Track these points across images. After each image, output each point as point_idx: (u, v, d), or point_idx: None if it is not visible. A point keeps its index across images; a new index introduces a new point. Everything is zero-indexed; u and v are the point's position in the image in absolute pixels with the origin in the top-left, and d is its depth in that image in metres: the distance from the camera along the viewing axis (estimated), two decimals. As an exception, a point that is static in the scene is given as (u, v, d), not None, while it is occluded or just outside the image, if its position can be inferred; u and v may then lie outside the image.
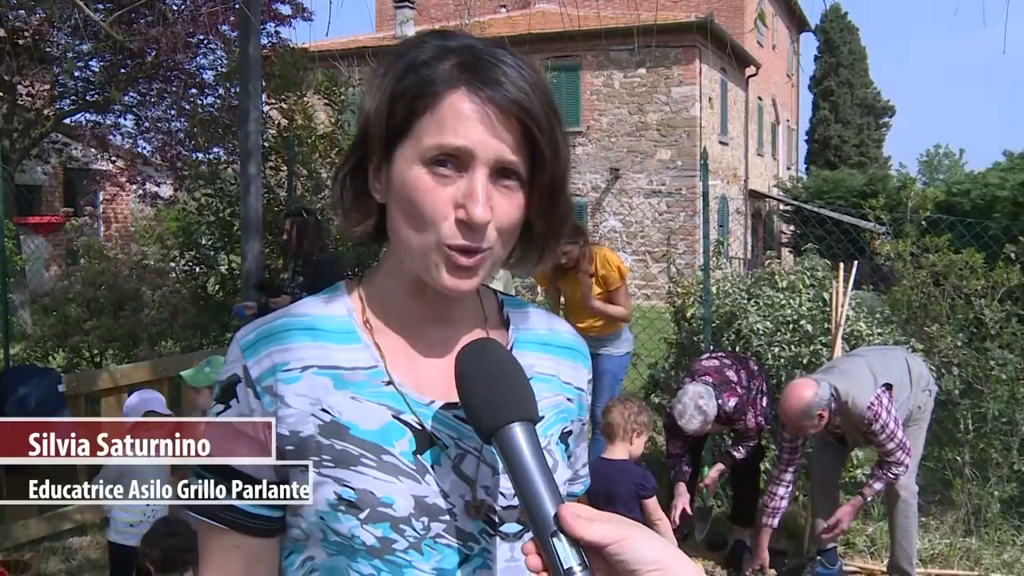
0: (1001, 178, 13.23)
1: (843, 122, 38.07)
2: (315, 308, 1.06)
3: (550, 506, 0.84)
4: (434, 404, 1.03)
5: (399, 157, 0.98)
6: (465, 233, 0.96)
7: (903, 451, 4.12)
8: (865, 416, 4.09)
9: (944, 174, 51.13)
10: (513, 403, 0.90)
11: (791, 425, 4.24)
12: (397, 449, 0.99)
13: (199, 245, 8.01)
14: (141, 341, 6.92)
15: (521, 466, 0.86)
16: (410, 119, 0.97)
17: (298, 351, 1.00)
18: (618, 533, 0.81)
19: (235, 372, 1.01)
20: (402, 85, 0.97)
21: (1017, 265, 5.34)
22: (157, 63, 9.18)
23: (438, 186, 0.95)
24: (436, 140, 0.95)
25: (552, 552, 0.81)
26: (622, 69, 21.93)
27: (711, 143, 22.26)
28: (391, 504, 0.97)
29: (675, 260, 9.14)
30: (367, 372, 1.02)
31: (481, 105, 0.95)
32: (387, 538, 0.97)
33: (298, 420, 0.98)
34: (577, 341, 1.21)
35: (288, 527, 1.02)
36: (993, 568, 4.72)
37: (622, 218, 21.74)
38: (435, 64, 0.97)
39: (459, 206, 0.95)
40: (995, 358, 5.23)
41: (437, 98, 0.96)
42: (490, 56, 0.97)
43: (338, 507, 0.97)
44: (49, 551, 4.90)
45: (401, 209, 0.99)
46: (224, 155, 9.24)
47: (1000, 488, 5.17)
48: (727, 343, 5.85)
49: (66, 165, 14.19)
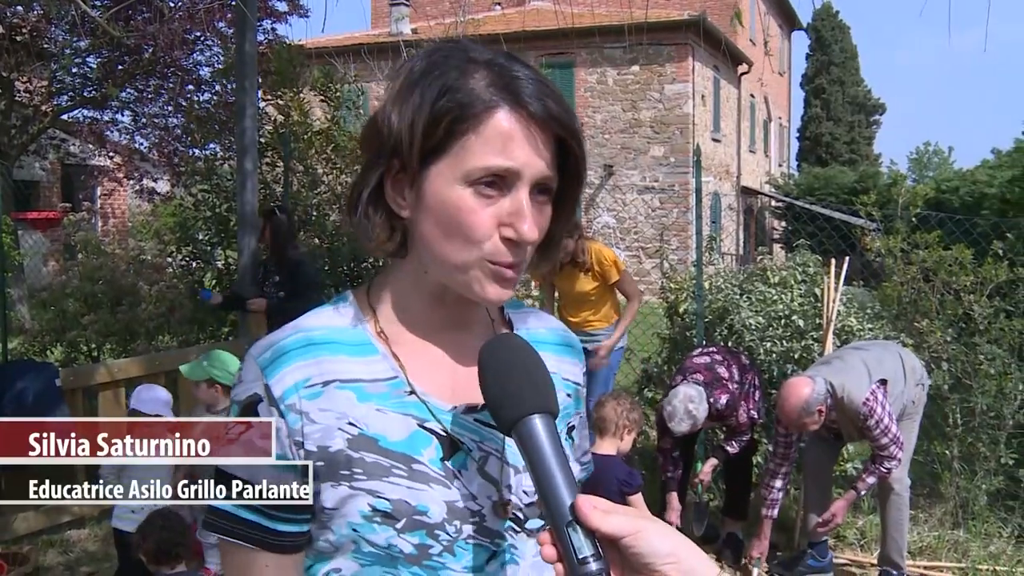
0: (989, 175, 13.33)
1: (834, 120, 38.17)
2: (328, 320, 1.06)
3: (567, 497, 0.85)
4: (456, 409, 1.04)
5: (435, 175, 0.98)
6: (512, 250, 0.98)
7: (896, 446, 4.18)
8: (860, 412, 4.13)
9: (934, 171, 51.35)
10: (533, 395, 0.91)
11: (792, 423, 4.28)
12: (425, 457, 1.01)
13: (196, 240, 8.01)
14: (138, 336, 6.93)
15: (540, 457, 0.87)
16: (449, 139, 0.97)
17: (318, 366, 1.00)
18: (634, 526, 0.82)
19: (255, 391, 1.00)
20: (439, 105, 0.96)
21: (1005, 261, 5.39)
22: (154, 59, 9.19)
23: (483, 206, 0.97)
24: (483, 162, 0.96)
25: (567, 542, 0.82)
26: (616, 66, 21.97)
27: (704, 140, 22.32)
28: (426, 512, 0.98)
29: (668, 256, 9.20)
30: (388, 383, 1.03)
31: (525, 125, 0.97)
32: (424, 544, 0.98)
33: (324, 435, 0.98)
34: (571, 338, 1.25)
35: (314, 539, 1.02)
36: (980, 560, 4.76)
37: (615, 214, 21.79)
38: (467, 81, 0.97)
39: (505, 224, 0.97)
40: (983, 353, 5.28)
41: (479, 119, 0.96)
42: (516, 70, 0.99)
43: (373, 518, 0.98)
44: (47, 544, 4.90)
45: (440, 227, 0.99)
46: (220, 151, 9.25)
47: (987, 481, 5.22)
48: (719, 338, 5.89)
49: (64, 161, 14.16)
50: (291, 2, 10.27)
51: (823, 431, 4.47)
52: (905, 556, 4.46)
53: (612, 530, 0.82)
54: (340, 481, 0.98)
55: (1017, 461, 5.23)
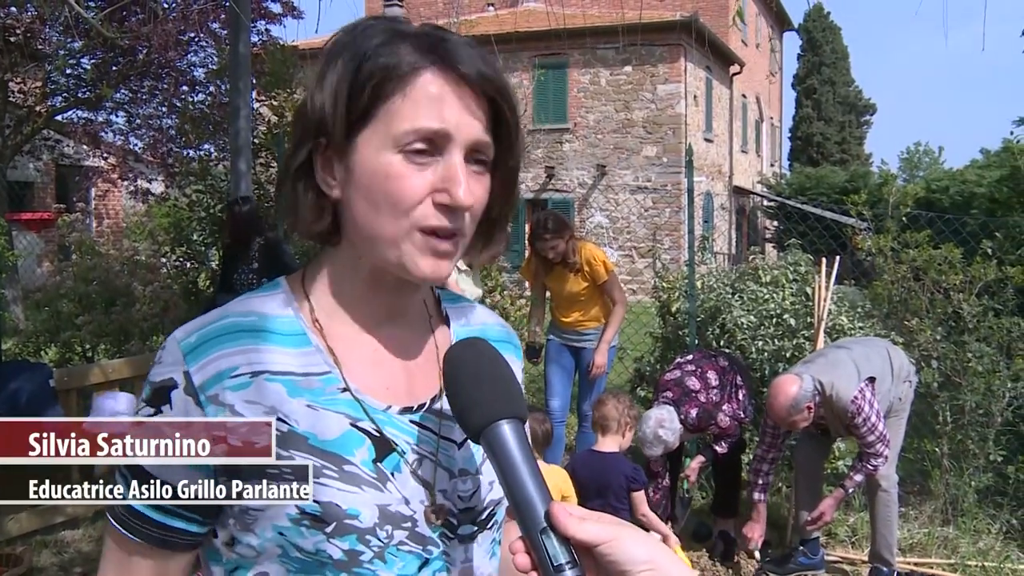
0: (978, 175, 13.40)
1: (825, 120, 38.31)
2: (260, 306, 0.99)
3: (539, 504, 0.82)
4: (391, 409, 1.00)
5: (363, 144, 0.93)
6: (444, 215, 0.92)
7: (883, 443, 4.21)
8: (848, 410, 4.16)
9: (924, 171, 51.54)
10: (501, 401, 0.88)
11: (781, 421, 4.31)
12: (357, 458, 0.95)
13: (190, 241, 8.03)
14: (132, 336, 6.93)
15: (510, 464, 0.85)
16: (375, 104, 0.91)
17: (247, 355, 0.93)
18: (609, 533, 0.80)
19: (172, 376, 0.93)
20: (364, 70, 0.91)
21: (994, 260, 5.42)
22: (148, 60, 9.17)
23: (414, 172, 0.91)
24: (411, 124, 0.90)
25: (542, 549, 0.80)
26: (608, 67, 22.02)
27: (696, 140, 22.37)
28: (357, 516, 0.93)
29: (660, 255, 9.24)
30: (321, 378, 0.96)
31: (455, 85, 0.92)
32: (354, 550, 0.93)
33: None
34: (509, 334, 1.20)
35: (235, 542, 0.95)
36: (969, 556, 4.78)
37: (608, 214, 21.84)
38: (392, 46, 0.92)
39: (438, 190, 0.92)
40: (972, 351, 5.31)
41: (405, 80, 0.91)
42: (443, 35, 0.95)
43: (301, 522, 0.91)
44: (41, 544, 4.86)
45: (370, 199, 0.93)
46: (215, 152, 9.26)
47: (976, 478, 5.26)
48: (712, 337, 5.93)
49: (58, 162, 14.11)
50: (285, 3, 10.27)
51: (812, 427, 4.52)
52: (895, 552, 4.49)
53: (587, 537, 0.79)
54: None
55: (1006, 458, 5.27)
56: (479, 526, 1.04)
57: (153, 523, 0.94)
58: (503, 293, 7.50)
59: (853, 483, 4.33)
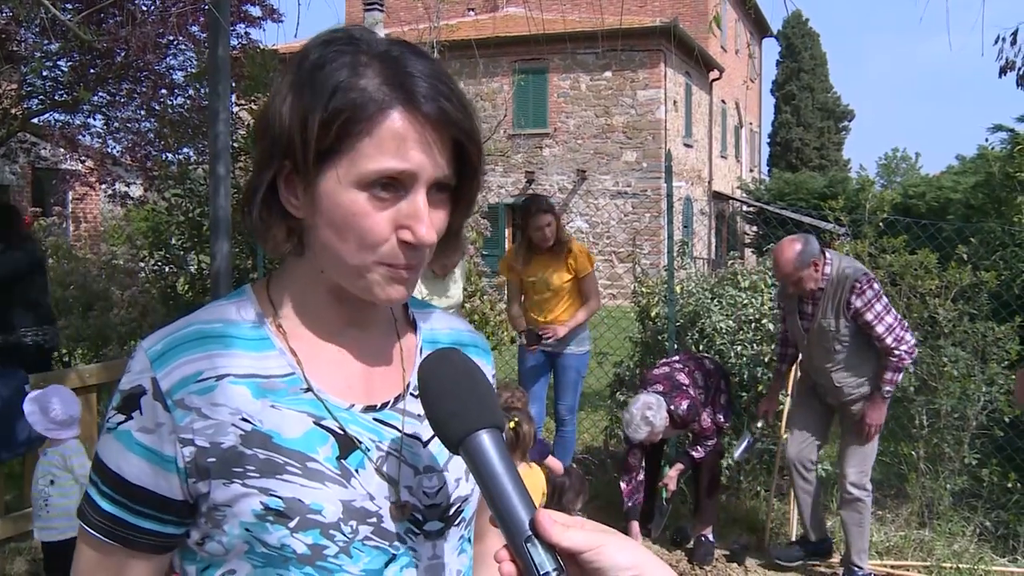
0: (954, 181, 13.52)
1: (804, 125, 38.62)
2: (225, 313, 1.02)
3: (523, 512, 0.82)
4: (354, 408, 1.02)
5: (329, 178, 0.94)
6: (407, 253, 0.96)
7: (900, 328, 4.24)
8: (856, 286, 4.19)
9: (901, 177, 52.03)
10: (478, 411, 0.88)
11: (788, 279, 4.33)
12: (321, 455, 0.97)
13: (169, 245, 7.97)
14: (110, 341, 6.89)
15: (491, 473, 0.85)
16: (342, 140, 0.93)
17: (211, 360, 0.97)
18: (595, 540, 0.80)
19: (140, 383, 0.96)
20: (331, 107, 0.93)
21: (969, 265, 5.50)
22: (127, 63, 9.08)
23: (377, 210, 0.94)
24: (378, 165, 0.92)
25: (528, 558, 0.80)
26: (588, 72, 22.11)
27: (676, 145, 22.50)
28: (320, 511, 0.95)
29: (640, 260, 9.28)
30: (284, 379, 0.99)
31: (420, 127, 0.93)
32: (317, 545, 0.95)
33: (217, 431, 0.95)
34: (479, 339, 1.23)
35: (206, 540, 0.98)
36: (944, 559, 4.84)
37: (588, 219, 21.91)
38: (359, 80, 0.93)
39: (401, 227, 0.95)
40: (948, 356, 5.37)
41: (372, 121, 0.92)
42: (409, 66, 0.95)
43: (266, 517, 0.94)
44: (15, 551, 4.81)
45: (334, 230, 0.96)
46: (194, 155, 9.21)
47: (952, 481, 5.32)
48: (691, 342, 5.96)
49: (35, 165, 13.97)
50: (265, 7, 10.21)
51: (808, 387, 4.60)
52: (866, 556, 4.52)
53: (572, 545, 0.80)
54: (232, 479, 0.94)
55: (980, 461, 5.33)
56: (446, 522, 1.06)
57: (126, 525, 0.97)
58: (483, 298, 7.50)
59: (889, 383, 4.30)
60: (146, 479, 0.96)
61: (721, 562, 4.85)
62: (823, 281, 4.34)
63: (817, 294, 4.39)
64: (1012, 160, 7.91)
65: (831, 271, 4.33)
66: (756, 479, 5.75)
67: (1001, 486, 5.28)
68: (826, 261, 4.33)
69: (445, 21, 10.94)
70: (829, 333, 4.38)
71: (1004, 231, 6.80)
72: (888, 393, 4.33)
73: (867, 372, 4.37)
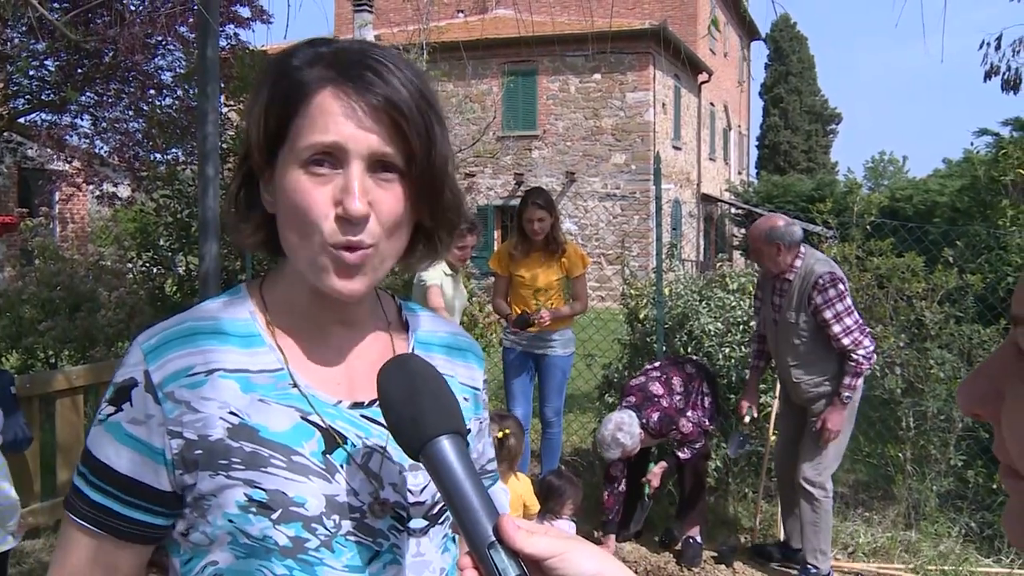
0: (941, 184, 13.63)
1: (792, 128, 38.77)
2: (219, 311, 1.05)
3: (486, 518, 0.81)
4: (340, 404, 1.04)
5: (280, 165, 0.98)
6: (345, 229, 0.96)
7: (859, 332, 4.25)
8: (819, 282, 4.22)
9: (888, 180, 52.29)
10: (438, 417, 0.87)
11: (752, 249, 4.42)
12: (307, 450, 0.99)
13: (157, 246, 7.93)
14: (97, 342, 6.84)
15: (452, 480, 0.84)
16: (284, 124, 0.97)
17: (204, 355, 0.99)
18: (558, 547, 0.80)
19: (133, 376, 0.98)
20: (276, 92, 0.98)
21: (955, 268, 5.54)
22: (115, 63, 9.05)
23: (316, 186, 0.95)
24: (308, 140, 0.95)
25: (491, 565, 0.79)
26: (578, 74, 22.14)
27: (664, 148, 22.55)
28: (303, 504, 0.96)
29: (629, 262, 9.30)
30: (273, 375, 1.01)
31: (348, 100, 0.95)
32: (299, 537, 0.96)
33: (206, 424, 0.97)
34: (471, 343, 1.24)
35: (190, 531, 1.00)
36: (930, 560, 4.86)
37: (577, 221, 21.93)
38: (306, 68, 0.97)
39: (338, 203, 0.95)
40: (934, 358, 5.40)
41: (307, 100, 0.96)
42: (360, 56, 0.98)
43: (249, 509, 0.95)
44: (1, 554, 4.84)
45: (286, 216, 0.98)
46: (182, 156, 9.16)
47: (938, 483, 5.34)
48: (679, 344, 5.97)
49: (21, 165, 13.91)
50: (254, 8, 10.20)
51: (792, 405, 4.60)
52: (824, 557, 4.46)
53: (536, 551, 0.79)
54: (218, 471, 0.96)
55: (966, 463, 5.36)
56: (431, 520, 1.07)
57: (116, 515, 0.99)
58: (472, 300, 7.51)
59: (848, 388, 4.30)
60: (135, 470, 0.97)
61: (709, 563, 4.86)
62: (791, 273, 4.39)
63: (786, 286, 4.43)
64: (997, 164, 7.97)
65: (800, 265, 4.37)
66: (744, 481, 5.77)
67: (986, 487, 5.31)
68: (798, 254, 4.37)
69: (435, 23, 10.95)
70: (791, 326, 4.42)
71: (989, 234, 6.85)
72: (847, 399, 4.32)
73: (826, 372, 4.38)
